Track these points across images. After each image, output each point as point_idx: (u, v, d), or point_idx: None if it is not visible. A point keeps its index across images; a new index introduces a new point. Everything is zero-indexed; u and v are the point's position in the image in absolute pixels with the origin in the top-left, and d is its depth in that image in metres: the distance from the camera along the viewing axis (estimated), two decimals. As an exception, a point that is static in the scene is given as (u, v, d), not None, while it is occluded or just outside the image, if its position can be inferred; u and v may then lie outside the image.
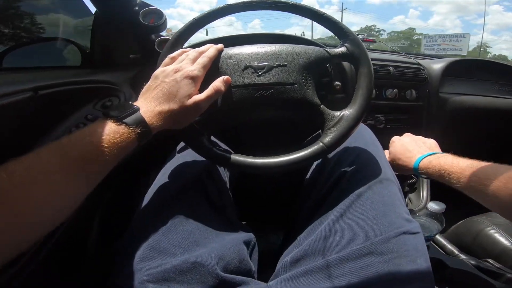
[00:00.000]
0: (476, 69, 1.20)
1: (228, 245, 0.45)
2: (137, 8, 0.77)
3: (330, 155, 0.56)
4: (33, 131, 0.53)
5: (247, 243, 0.49)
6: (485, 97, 1.17)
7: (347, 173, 0.51)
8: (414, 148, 0.66)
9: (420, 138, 0.70)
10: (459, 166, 0.53)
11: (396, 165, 0.67)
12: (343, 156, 0.54)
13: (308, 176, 0.61)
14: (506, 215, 0.48)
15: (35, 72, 0.65)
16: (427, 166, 0.59)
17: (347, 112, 0.50)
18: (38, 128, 0.53)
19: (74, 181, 0.35)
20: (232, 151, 0.51)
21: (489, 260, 0.71)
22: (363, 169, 0.51)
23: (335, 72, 0.78)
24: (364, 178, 0.49)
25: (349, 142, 0.55)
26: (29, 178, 0.31)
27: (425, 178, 0.62)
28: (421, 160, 0.61)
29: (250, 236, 0.52)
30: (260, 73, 0.50)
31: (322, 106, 0.51)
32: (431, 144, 0.67)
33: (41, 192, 0.32)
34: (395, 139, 0.72)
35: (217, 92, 0.47)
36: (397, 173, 0.61)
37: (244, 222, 0.54)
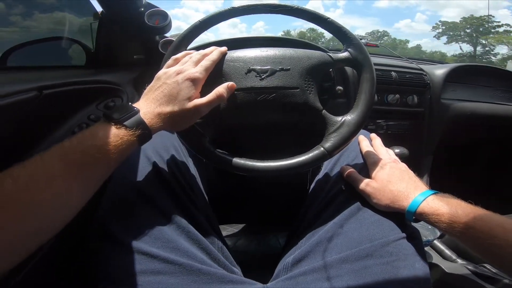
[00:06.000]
0: (478, 75, 1.20)
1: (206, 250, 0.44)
2: (142, 9, 0.77)
3: (338, 163, 0.56)
4: (37, 130, 0.53)
5: (218, 248, 0.49)
6: (487, 103, 1.17)
7: None
8: (410, 181, 0.48)
9: (403, 172, 0.51)
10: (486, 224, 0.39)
11: (379, 197, 0.47)
12: (350, 165, 0.55)
13: (314, 182, 0.61)
14: None
15: (40, 71, 0.66)
16: (428, 211, 0.43)
17: (348, 117, 0.51)
18: (41, 127, 0.53)
19: (76, 184, 0.35)
20: (233, 154, 0.51)
21: (486, 265, 0.71)
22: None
23: (337, 77, 0.78)
24: None
25: (357, 152, 0.56)
26: (33, 183, 0.32)
27: (415, 224, 0.47)
28: (423, 201, 0.44)
29: (216, 240, 0.50)
30: (263, 76, 0.50)
31: (324, 111, 0.51)
32: (416, 180, 0.50)
33: (45, 196, 0.32)
34: (382, 164, 0.52)
35: (219, 98, 0.46)
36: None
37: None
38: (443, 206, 0.42)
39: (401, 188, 0.47)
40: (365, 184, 0.49)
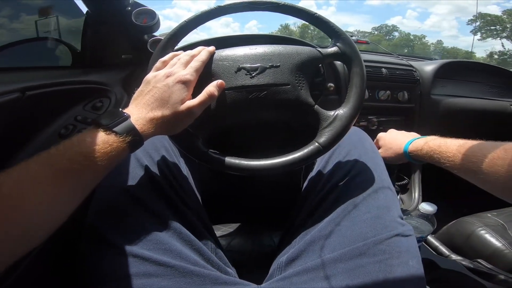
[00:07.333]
0: (468, 71, 1.22)
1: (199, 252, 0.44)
2: (129, 8, 0.76)
3: (330, 160, 0.56)
4: (22, 132, 0.52)
5: (212, 249, 0.48)
6: (476, 99, 1.19)
7: (346, 179, 0.51)
8: (402, 137, 0.74)
9: (403, 131, 0.79)
10: (447, 145, 0.58)
11: (388, 156, 0.75)
12: (342, 162, 0.55)
13: (307, 180, 0.60)
14: (494, 191, 0.49)
15: (24, 72, 0.64)
16: (416, 148, 0.66)
17: (341, 111, 0.50)
18: (26, 129, 0.52)
19: (64, 192, 0.34)
20: (226, 154, 0.50)
21: (480, 260, 0.71)
22: (361, 175, 0.51)
23: (328, 73, 0.78)
24: (362, 184, 0.50)
25: (348, 149, 0.56)
26: (18, 190, 0.31)
27: (417, 162, 0.68)
28: (410, 143, 0.68)
29: (209, 241, 0.49)
30: (253, 74, 0.49)
31: (316, 106, 0.51)
32: (414, 134, 0.75)
33: (30, 203, 0.31)
34: (382, 135, 0.81)
35: (210, 97, 0.46)
36: (390, 163, 0.69)
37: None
38: (424, 142, 0.64)
39: (398, 142, 0.73)
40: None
